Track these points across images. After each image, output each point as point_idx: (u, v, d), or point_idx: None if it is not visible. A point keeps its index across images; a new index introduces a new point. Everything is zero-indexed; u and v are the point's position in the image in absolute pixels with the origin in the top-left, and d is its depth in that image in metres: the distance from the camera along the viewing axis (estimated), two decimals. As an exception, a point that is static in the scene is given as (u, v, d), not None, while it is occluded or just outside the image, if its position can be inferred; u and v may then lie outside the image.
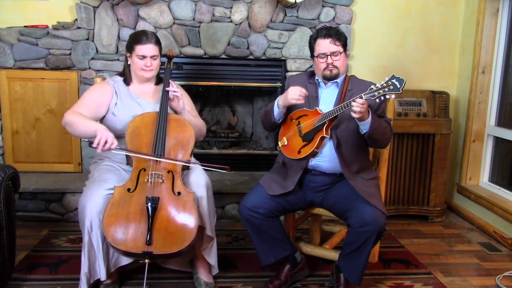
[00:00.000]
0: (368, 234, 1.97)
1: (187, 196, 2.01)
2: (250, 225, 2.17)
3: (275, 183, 2.19)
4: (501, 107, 3.26)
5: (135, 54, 2.21)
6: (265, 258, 2.24)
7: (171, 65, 2.38)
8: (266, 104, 3.58)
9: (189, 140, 2.17)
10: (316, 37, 2.17)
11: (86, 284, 2.03)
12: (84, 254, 2.02)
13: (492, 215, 3.05)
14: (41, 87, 3.18)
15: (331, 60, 2.12)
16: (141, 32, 2.26)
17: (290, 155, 2.15)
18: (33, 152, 3.26)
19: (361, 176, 2.15)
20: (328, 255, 2.34)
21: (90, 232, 2.00)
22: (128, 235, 1.89)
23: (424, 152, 3.22)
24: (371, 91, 1.86)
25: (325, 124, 2.03)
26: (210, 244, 2.22)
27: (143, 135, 2.13)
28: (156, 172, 2.02)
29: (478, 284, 2.39)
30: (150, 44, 2.19)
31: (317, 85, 2.23)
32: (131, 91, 2.29)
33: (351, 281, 2.13)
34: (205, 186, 2.16)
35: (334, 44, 2.12)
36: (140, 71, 2.23)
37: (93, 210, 1.99)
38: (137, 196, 1.97)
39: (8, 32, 3.08)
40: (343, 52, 2.15)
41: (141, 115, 2.18)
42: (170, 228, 1.92)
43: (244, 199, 2.18)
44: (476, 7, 3.25)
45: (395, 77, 1.83)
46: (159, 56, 2.25)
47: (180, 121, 2.21)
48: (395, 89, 1.81)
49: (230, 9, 3.18)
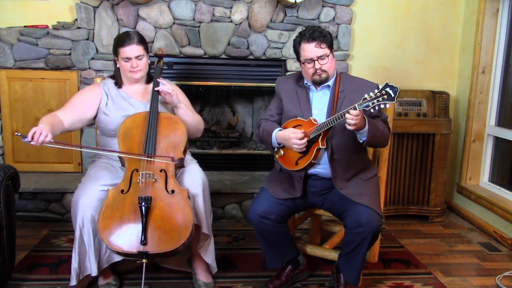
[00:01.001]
0: (364, 235, 1.96)
1: (181, 194, 2.00)
2: (260, 232, 2.15)
3: (281, 189, 2.16)
4: (501, 107, 3.26)
5: (120, 57, 2.21)
6: (273, 263, 2.25)
7: (161, 64, 2.38)
8: (266, 105, 3.59)
9: (181, 138, 2.16)
10: (300, 40, 2.07)
11: (75, 278, 2.03)
12: (75, 249, 2.03)
13: (492, 215, 3.05)
14: (41, 87, 3.18)
15: (319, 65, 2.04)
16: (123, 34, 2.25)
17: (288, 167, 2.12)
18: (33, 152, 3.25)
19: (360, 177, 2.13)
20: (328, 255, 2.34)
21: (81, 227, 2.00)
22: (123, 236, 1.89)
23: (424, 152, 3.22)
24: (364, 101, 1.80)
25: (321, 135, 1.99)
26: (207, 242, 2.21)
27: (135, 135, 2.13)
28: (147, 171, 2.01)
29: (478, 284, 2.39)
30: (133, 45, 2.17)
31: (307, 89, 2.17)
32: (122, 92, 2.30)
33: (349, 281, 2.13)
34: (201, 184, 2.15)
35: (320, 47, 2.02)
36: (128, 73, 2.23)
37: (86, 205, 2.00)
38: (130, 197, 1.97)
39: (8, 32, 3.08)
40: (330, 53, 2.07)
41: (132, 116, 2.18)
42: (164, 227, 1.92)
43: (253, 205, 2.14)
44: (476, 7, 3.25)
45: (388, 85, 1.77)
46: (145, 55, 2.24)
47: (172, 119, 2.21)
48: (389, 99, 1.75)
49: (230, 9, 3.18)
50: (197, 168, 2.26)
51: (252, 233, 2.90)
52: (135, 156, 2.06)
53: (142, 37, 2.24)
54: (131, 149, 2.10)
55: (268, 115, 2.28)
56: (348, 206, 2.04)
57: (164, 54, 2.44)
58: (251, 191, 3.12)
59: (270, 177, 2.30)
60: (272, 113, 2.27)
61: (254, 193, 3.11)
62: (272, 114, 2.27)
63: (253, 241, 2.80)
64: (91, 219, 1.99)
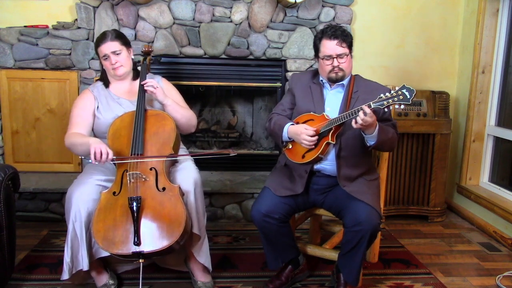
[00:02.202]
0: (362, 233, 1.97)
1: (172, 191, 1.99)
2: (263, 231, 2.15)
3: (283, 187, 2.16)
4: (501, 107, 3.26)
5: (100, 57, 2.25)
6: (274, 263, 2.25)
7: (147, 61, 2.38)
8: (266, 105, 3.59)
9: (170, 134, 2.15)
10: (321, 37, 2.10)
11: (68, 273, 2.04)
12: (67, 244, 2.03)
13: (492, 215, 3.05)
14: (41, 87, 3.18)
15: (337, 63, 2.08)
16: (100, 34, 2.28)
17: (294, 159, 2.13)
18: (33, 152, 3.26)
19: (364, 178, 2.14)
20: (328, 255, 2.34)
21: (74, 222, 2.01)
22: (117, 239, 1.88)
23: (424, 152, 3.22)
24: (380, 99, 1.84)
25: (331, 130, 2.00)
26: (199, 243, 2.19)
27: (123, 136, 2.13)
28: (135, 172, 2.01)
29: (478, 284, 2.39)
30: (108, 42, 2.21)
31: (322, 86, 2.20)
32: (111, 93, 2.31)
33: (348, 281, 2.13)
34: (193, 183, 2.13)
35: (341, 46, 2.07)
36: (111, 70, 2.26)
37: (79, 200, 2.00)
38: (122, 199, 1.97)
39: (8, 32, 3.08)
40: (350, 54, 2.11)
41: (120, 116, 2.19)
42: (157, 225, 1.91)
43: (256, 205, 2.13)
44: (476, 7, 3.25)
45: (405, 87, 1.82)
46: (123, 50, 2.25)
47: (159, 115, 2.20)
48: (405, 99, 1.80)
49: (230, 9, 3.18)
50: (191, 166, 2.25)
51: (252, 233, 2.91)
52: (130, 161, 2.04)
53: (118, 33, 2.28)
54: (121, 149, 2.10)
55: (280, 110, 2.29)
56: (347, 204, 2.05)
57: (150, 50, 2.45)
58: (251, 191, 3.12)
59: (271, 175, 2.30)
60: (284, 108, 2.28)
61: (254, 193, 3.11)
62: (284, 109, 2.28)
63: (253, 241, 2.80)
64: (84, 213, 2.00)
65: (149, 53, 2.42)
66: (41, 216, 3.05)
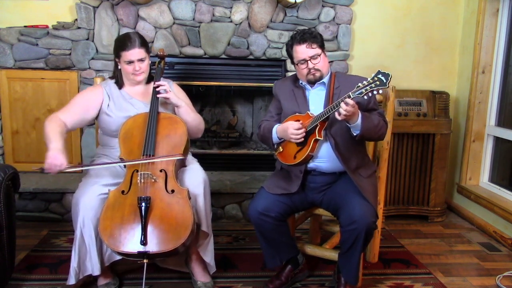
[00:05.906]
0: (357, 232, 1.97)
1: (180, 194, 2.00)
2: (259, 230, 2.16)
3: (277, 186, 2.19)
4: (501, 107, 3.26)
5: (122, 60, 2.21)
6: (271, 262, 2.25)
7: (162, 65, 2.38)
8: (266, 105, 3.59)
9: (181, 137, 2.16)
10: (292, 43, 2.16)
11: (75, 278, 2.04)
12: (75, 249, 2.03)
13: (492, 215, 3.05)
14: (41, 87, 3.18)
15: (312, 65, 2.13)
16: (125, 37, 2.23)
17: (287, 162, 2.15)
18: (33, 152, 3.26)
19: (360, 173, 2.15)
20: (328, 255, 2.34)
21: (82, 227, 2.00)
22: (124, 237, 1.89)
23: (424, 152, 3.22)
24: (358, 88, 1.86)
25: (317, 127, 2.03)
26: (206, 241, 2.21)
27: (135, 136, 2.14)
28: (146, 172, 2.02)
29: (478, 284, 2.39)
30: (135, 49, 2.17)
31: (304, 88, 2.24)
32: (124, 93, 2.30)
33: (348, 280, 2.14)
34: (202, 183, 2.15)
35: (311, 47, 2.11)
36: (131, 75, 2.24)
37: (87, 206, 2.00)
38: (130, 198, 1.97)
39: (8, 32, 3.08)
40: (322, 53, 2.15)
41: (133, 117, 2.19)
42: (164, 227, 1.92)
43: (252, 203, 2.15)
44: (476, 7, 3.25)
45: (380, 72, 1.84)
46: (147, 57, 2.25)
47: (172, 118, 2.21)
48: (382, 84, 1.82)
49: (230, 9, 3.18)
50: (198, 167, 2.27)
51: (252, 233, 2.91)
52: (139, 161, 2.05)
53: (143, 40, 2.24)
54: (132, 150, 2.10)
55: (269, 117, 2.35)
56: (343, 203, 2.06)
57: (166, 55, 2.44)
58: (251, 191, 3.12)
59: (269, 177, 2.33)
60: (272, 114, 2.34)
61: (254, 193, 3.08)
62: (272, 115, 2.34)
63: (253, 241, 2.80)
64: (92, 219, 1.99)
65: (164, 57, 2.42)
66: (41, 216, 3.04)
